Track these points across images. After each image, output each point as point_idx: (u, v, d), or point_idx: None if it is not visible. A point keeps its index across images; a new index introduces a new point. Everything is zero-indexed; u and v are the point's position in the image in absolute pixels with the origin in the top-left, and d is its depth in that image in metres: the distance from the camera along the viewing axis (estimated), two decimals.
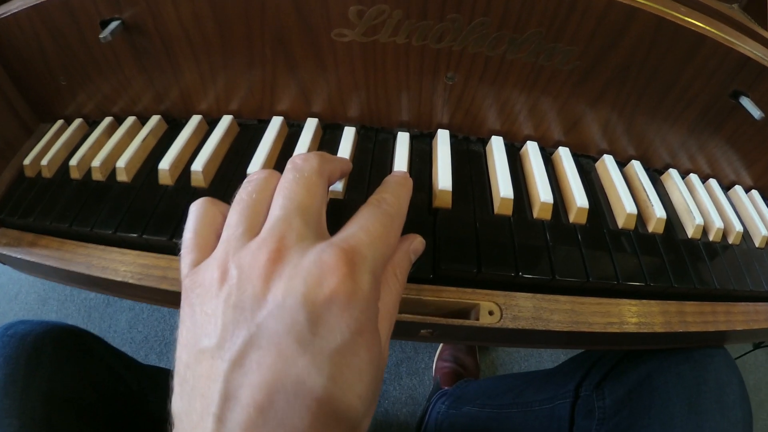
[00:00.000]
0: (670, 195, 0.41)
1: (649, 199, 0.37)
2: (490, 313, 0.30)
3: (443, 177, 0.31)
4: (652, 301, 0.34)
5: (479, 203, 0.32)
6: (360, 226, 0.20)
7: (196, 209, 0.21)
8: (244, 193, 0.20)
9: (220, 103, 0.38)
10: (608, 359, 0.45)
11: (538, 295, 0.31)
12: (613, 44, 0.33)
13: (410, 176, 0.26)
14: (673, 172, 0.42)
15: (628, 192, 0.36)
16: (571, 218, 0.34)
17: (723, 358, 0.40)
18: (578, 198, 0.33)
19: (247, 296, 0.16)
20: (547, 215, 0.33)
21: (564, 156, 0.37)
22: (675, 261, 0.34)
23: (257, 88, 0.37)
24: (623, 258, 0.33)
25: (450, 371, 0.87)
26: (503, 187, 0.32)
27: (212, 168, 0.35)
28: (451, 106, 0.36)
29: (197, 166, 0.33)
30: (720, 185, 0.44)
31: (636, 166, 0.40)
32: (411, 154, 0.36)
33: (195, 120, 0.38)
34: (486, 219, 0.31)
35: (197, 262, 0.19)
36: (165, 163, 0.34)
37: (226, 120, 0.37)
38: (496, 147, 0.35)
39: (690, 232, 0.38)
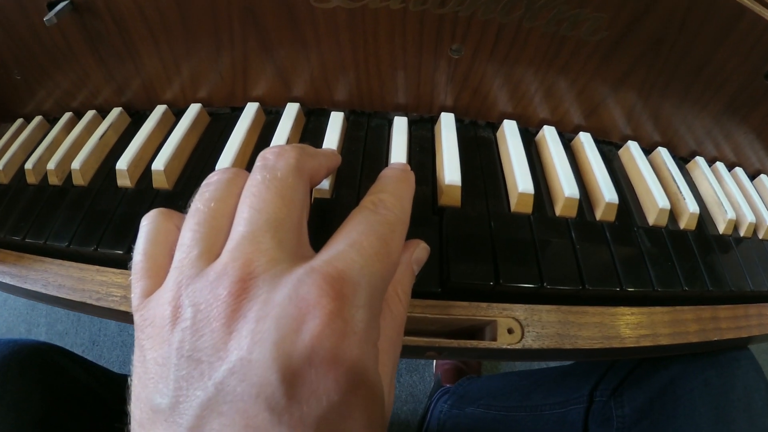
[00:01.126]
0: (697, 186, 0.37)
1: (680, 192, 0.33)
2: (509, 331, 0.25)
3: (450, 169, 0.26)
4: (685, 308, 0.30)
5: (493, 199, 0.27)
6: (351, 242, 0.15)
7: (146, 225, 0.17)
8: (200, 202, 0.16)
9: (186, 91, 0.33)
10: (625, 361, 0.41)
11: (564, 307, 0.27)
12: (646, 12, 0.28)
13: (411, 169, 0.21)
14: (700, 161, 0.38)
15: (658, 184, 0.32)
16: (598, 215, 0.29)
17: (750, 362, 0.37)
18: (606, 192, 0.29)
19: (204, 345, 0.13)
20: (572, 212, 0.28)
21: (586, 143, 0.32)
22: (709, 262, 0.30)
23: (227, 71, 0.32)
24: (657, 261, 0.29)
25: (451, 368, 0.84)
26: (522, 180, 0.27)
27: (177, 166, 0.30)
28: (456, 85, 0.31)
29: (158, 164, 0.28)
30: (746, 174, 0.40)
31: (663, 153, 0.35)
32: (410, 142, 0.30)
33: (159, 111, 0.33)
34: (502, 218, 0.26)
35: (148, 292, 0.15)
36: (123, 163, 0.29)
37: (193, 109, 0.32)
38: (510, 133, 0.30)
39: (721, 228, 0.34)
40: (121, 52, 0.31)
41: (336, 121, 0.31)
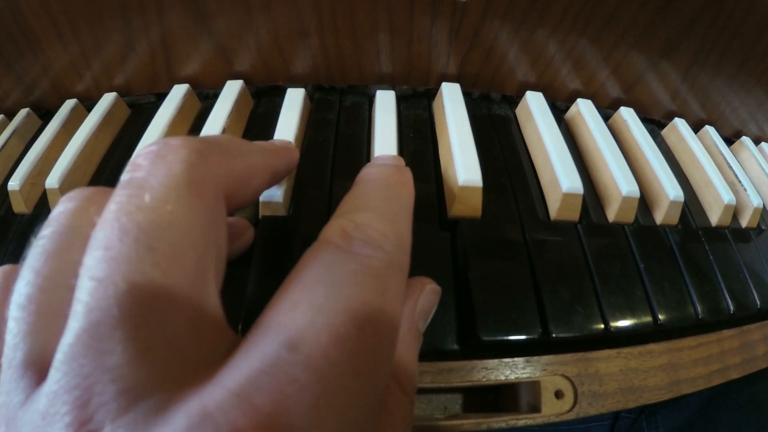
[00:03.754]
0: (745, 170, 0.30)
1: (740, 182, 0.26)
2: (558, 395, 0.17)
3: (465, 162, 0.18)
4: (752, 326, 0.24)
5: (523, 203, 0.19)
6: (295, 337, 0.08)
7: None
8: (33, 259, 0.10)
9: (98, 78, 0.26)
10: None
11: (625, 350, 0.19)
12: None
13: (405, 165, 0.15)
14: (747, 141, 0.31)
15: (719, 174, 0.25)
16: (660, 218, 0.21)
17: None
18: (669, 186, 0.21)
19: None
20: (630, 216, 0.20)
21: (630, 121, 0.24)
22: None
23: (143, 46, 0.23)
24: (729, 274, 0.23)
25: None
26: (564, 173, 0.18)
27: (81, 178, 0.22)
28: (462, 45, 0.22)
29: (53, 181, 0.20)
30: None
31: (712, 134, 0.28)
32: (401, 124, 0.22)
33: (67, 107, 0.25)
34: (540, 231, 0.18)
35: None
36: (15, 181, 0.21)
37: (106, 100, 0.25)
38: (537, 109, 0.22)
39: None
40: (12, 32, 0.23)
41: (293, 100, 0.22)
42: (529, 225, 0.18)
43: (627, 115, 0.24)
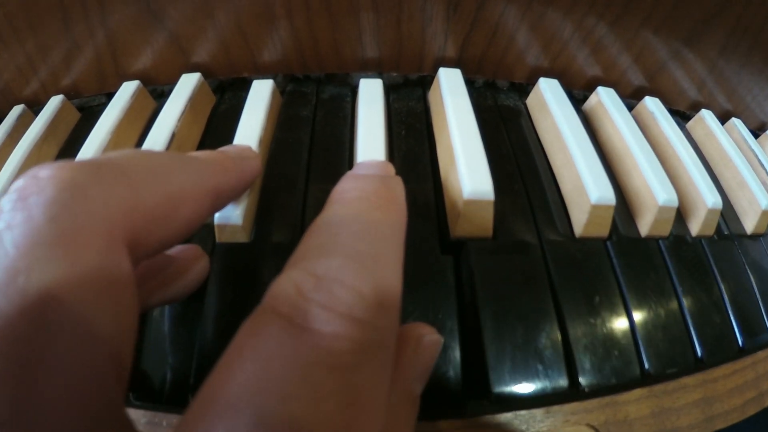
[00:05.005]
0: None
1: None
2: None
3: (470, 168, 0.14)
4: None
5: (541, 217, 0.16)
6: None
7: None
8: None
9: (44, 81, 0.23)
10: None
11: (656, 388, 0.16)
12: None
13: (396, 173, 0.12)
14: None
15: (754, 174, 0.21)
16: (696, 229, 0.18)
17: None
18: (706, 192, 0.18)
19: None
20: (665, 228, 0.17)
21: (659, 114, 0.21)
22: None
23: (86, 41, 0.20)
24: (766, 288, 0.20)
25: None
26: (592, 180, 0.15)
27: None
28: (463, 22, 0.18)
29: None
30: None
31: (740, 127, 0.25)
32: (390, 120, 0.18)
33: (14, 114, 0.22)
34: (564, 254, 0.15)
35: None
36: None
37: (52, 105, 0.22)
38: (554, 98, 0.18)
39: None
40: None
41: (259, 94, 0.18)
42: (550, 246, 0.15)
43: (653, 106, 0.21)
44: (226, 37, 0.20)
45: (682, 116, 0.25)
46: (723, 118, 0.26)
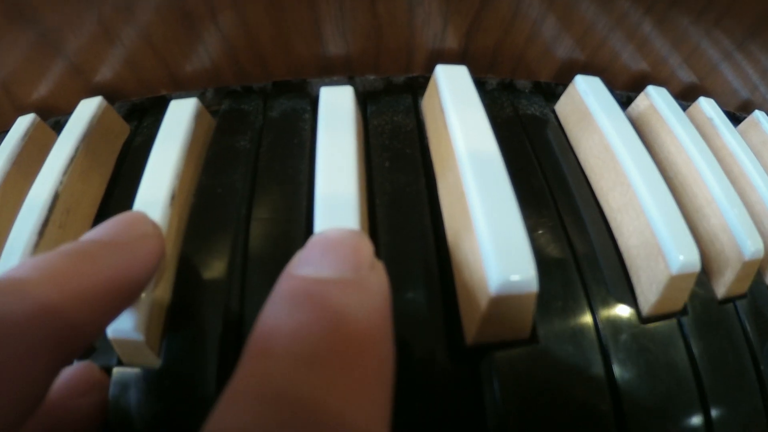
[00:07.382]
0: None
1: None
2: None
3: (498, 237, 0.09)
4: None
5: (596, 291, 0.11)
6: None
7: None
8: None
9: None
10: None
11: None
12: None
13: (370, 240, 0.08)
14: None
15: None
16: None
17: None
18: None
19: None
20: (744, 285, 0.12)
21: (718, 121, 0.16)
22: None
23: None
24: None
25: None
26: (670, 236, 0.10)
27: None
28: (469, 1, 0.13)
29: None
30: None
31: None
32: (367, 145, 0.13)
33: None
34: (628, 350, 0.10)
35: None
36: None
37: None
38: (600, 106, 0.13)
39: None
40: None
41: (175, 121, 0.12)
42: (614, 342, 0.10)
43: (711, 110, 0.16)
44: (129, 48, 0.14)
45: (731, 118, 0.20)
46: None
